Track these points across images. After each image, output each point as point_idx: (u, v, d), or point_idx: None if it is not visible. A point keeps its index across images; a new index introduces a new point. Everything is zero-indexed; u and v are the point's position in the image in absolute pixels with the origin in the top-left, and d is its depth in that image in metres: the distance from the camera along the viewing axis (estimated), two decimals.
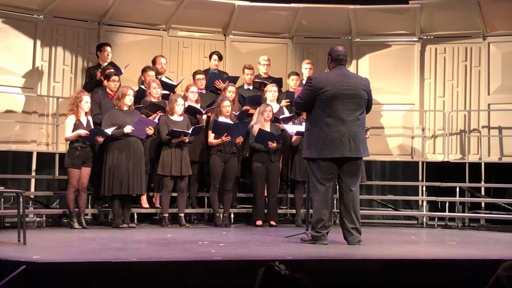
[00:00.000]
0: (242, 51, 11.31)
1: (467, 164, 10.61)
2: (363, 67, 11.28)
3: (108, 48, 9.90)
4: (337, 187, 7.17)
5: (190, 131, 8.93)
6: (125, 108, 8.74)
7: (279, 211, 9.92)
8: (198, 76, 9.99)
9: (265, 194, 9.48)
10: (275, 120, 9.55)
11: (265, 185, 9.43)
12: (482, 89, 10.94)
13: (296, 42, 11.52)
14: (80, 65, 10.42)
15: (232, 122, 9.18)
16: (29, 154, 9.69)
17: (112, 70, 9.38)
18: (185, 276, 5.15)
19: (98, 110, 9.12)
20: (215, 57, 10.41)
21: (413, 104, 11.25)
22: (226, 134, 9.07)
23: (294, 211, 9.84)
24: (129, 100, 8.74)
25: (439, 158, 11.02)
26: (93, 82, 9.69)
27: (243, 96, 10.01)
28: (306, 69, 10.31)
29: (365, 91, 6.95)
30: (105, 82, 9.28)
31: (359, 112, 6.88)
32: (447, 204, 10.16)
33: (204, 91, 10.01)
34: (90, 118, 8.72)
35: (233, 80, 10.13)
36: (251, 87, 10.33)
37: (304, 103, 6.97)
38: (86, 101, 8.57)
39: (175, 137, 8.90)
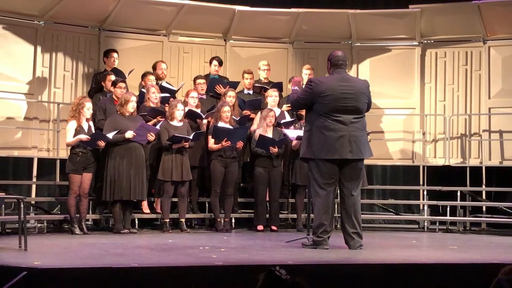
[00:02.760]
0: (243, 56, 11.32)
1: (468, 168, 10.60)
2: (363, 71, 11.28)
3: (115, 54, 9.91)
4: (338, 191, 7.17)
5: (191, 137, 8.94)
6: (127, 114, 8.74)
7: (280, 215, 9.92)
8: (198, 81, 10.00)
9: (267, 199, 9.49)
10: (277, 124, 9.55)
11: (267, 190, 9.44)
12: (483, 93, 10.94)
13: (296, 47, 11.52)
14: (80, 71, 10.43)
15: (231, 127, 9.18)
16: (30, 160, 9.69)
17: (113, 77, 9.38)
18: (186, 282, 5.14)
19: (103, 116, 9.12)
20: (215, 62, 10.41)
21: (414, 108, 11.24)
22: (226, 139, 9.08)
23: (295, 215, 9.85)
24: (131, 106, 8.74)
25: (440, 162, 11.01)
26: (97, 88, 9.73)
27: (243, 100, 10.01)
28: (306, 75, 10.29)
29: (365, 94, 6.98)
30: (112, 88, 9.29)
31: (360, 116, 6.90)
32: (448, 208, 10.17)
33: (204, 96, 10.02)
34: (91, 123, 8.72)
35: (234, 85, 10.13)
36: (251, 92, 10.33)
37: (304, 104, 7.07)
38: (88, 108, 8.58)
39: (176, 142, 8.90)
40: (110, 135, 8.52)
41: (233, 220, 9.74)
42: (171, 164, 8.91)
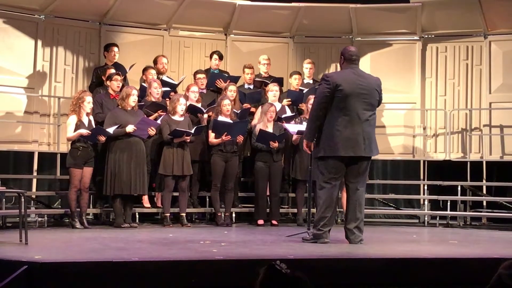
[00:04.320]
0: (243, 50, 11.31)
1: (468, 162, 10.60)
2: (364, 66, 11.17)
3: (115, 48, 9.89)
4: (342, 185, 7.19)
5: (192, 131, 8.93)
6: (129, 109, 8.74)
7: (281, 210, 9.92)
8: (199, 76, 9.99)
9: (267, 194, 9.49)
10: (277, 119, 9.55)
11: (267, 184, 9.44)
12: (484, 87, 10.93)
13: (297, 42, 11.51)
14: (81, 65, 10.43)
15: (231, 121, 9.18)
16: (31, 154, 9.70)
17: (113, 71, 9.38)
18: (186, 276, 5.15)
19: (100, 109, 9.12)
20: (215, 56, 10.40)
21: (415, 103, 11.24)
22: (226, 133, 9.07)
23: (295, 210, 9.85)
24: (133, 100, 8.74)
25: (440, 156, 11.01)
26: (98, 83, 9.72)
27: (243, 94, 10.00)
28: (306, 69, 10.30)
29: (377, 91, 6.97)
30: (108, 82, 9.29)
31: (372, 112, 6.90)
32: (448, 203, 10.16)
33: (205, 91, 10.01)
34: (91, 118, 8.71)
35: (234, 79, 10.12)
36: (251, 86, 10.32)
37: (324, 106, 6.79)
38: (88, 101, 8.57)
39: (178, 136, 8.90)
40: (111, 130, 8.52)
41: (234, 215, 9.74)
42: (172, 158, 8.91)
